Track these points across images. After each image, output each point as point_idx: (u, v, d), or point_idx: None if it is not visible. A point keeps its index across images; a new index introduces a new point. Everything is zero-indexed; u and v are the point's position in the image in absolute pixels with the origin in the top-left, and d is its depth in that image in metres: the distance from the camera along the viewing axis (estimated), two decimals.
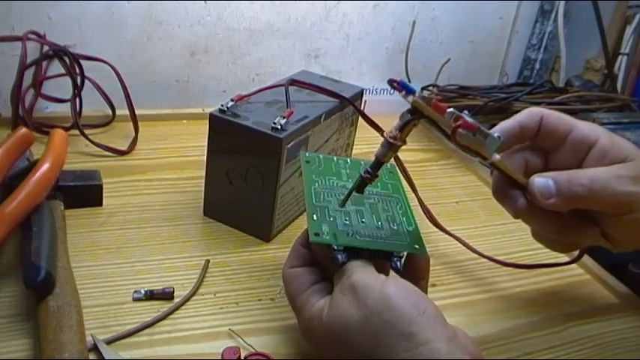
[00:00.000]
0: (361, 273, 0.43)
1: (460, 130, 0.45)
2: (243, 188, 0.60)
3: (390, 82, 0.52)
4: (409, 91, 0.47)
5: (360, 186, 0.48)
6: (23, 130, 0.55)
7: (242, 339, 0.48)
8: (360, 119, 0.69)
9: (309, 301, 0.45)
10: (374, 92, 0.95)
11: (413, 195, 0.66)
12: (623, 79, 1.02)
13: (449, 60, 1.01)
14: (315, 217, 0.48)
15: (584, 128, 0.49)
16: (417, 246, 0.48)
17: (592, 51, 1.08)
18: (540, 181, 0.47)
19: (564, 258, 0.61)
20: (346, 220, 0.48)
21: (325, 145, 0.66)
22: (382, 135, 0.51)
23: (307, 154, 0.55)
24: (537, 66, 1.08)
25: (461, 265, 0.62)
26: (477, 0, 1.00)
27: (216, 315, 0.51)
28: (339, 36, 0.94)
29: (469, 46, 1.05)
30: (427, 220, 0.65)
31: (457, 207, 0.74)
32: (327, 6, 0.91)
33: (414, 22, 0.97)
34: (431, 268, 0.61)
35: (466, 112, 0.47)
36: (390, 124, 0.49)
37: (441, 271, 0.61)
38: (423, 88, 0.95)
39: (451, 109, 0.46)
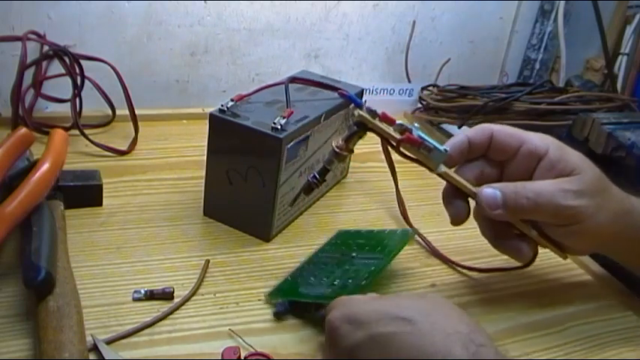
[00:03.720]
0: (333, 313, 0.46)
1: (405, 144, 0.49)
2: (243, 188, 0.60)
3: (340, 93, 0.58)
4: (356, 105, 0.51)
5: (307, 190, 0.54)
6: (23, 130, 0.55)
7: (242, 339, 0.48)
8: None
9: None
10: (374, 92, 0.95)
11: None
12: (623, 79, 1.01)
13: (449, 60, 1.01)
14: (289, 278, 0.55)
15: (534, 141, 0.51)
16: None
17: (592, 51, 1.08)
18: (488, 192, 0.50)
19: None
20: (311, 278, 0.54)
21: (325, 145, 0.66)
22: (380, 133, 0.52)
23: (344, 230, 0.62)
24: (537, 66, 1.08)
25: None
26: (476, 0, 1.00)
27: (216, 315, 0.51)
28: (339, 36, 0.94)
29: (469, 46, 1.05)
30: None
31: None
32: (327, 6, 0.91)
33: (414, 22, 0.97)
34: (430, 268, 0.61)
35: (416, 124, 0.50)
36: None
37: (441, 272, 0.61)
38: (422, 88, 0.96)
39: (400, 122, 0.50)
